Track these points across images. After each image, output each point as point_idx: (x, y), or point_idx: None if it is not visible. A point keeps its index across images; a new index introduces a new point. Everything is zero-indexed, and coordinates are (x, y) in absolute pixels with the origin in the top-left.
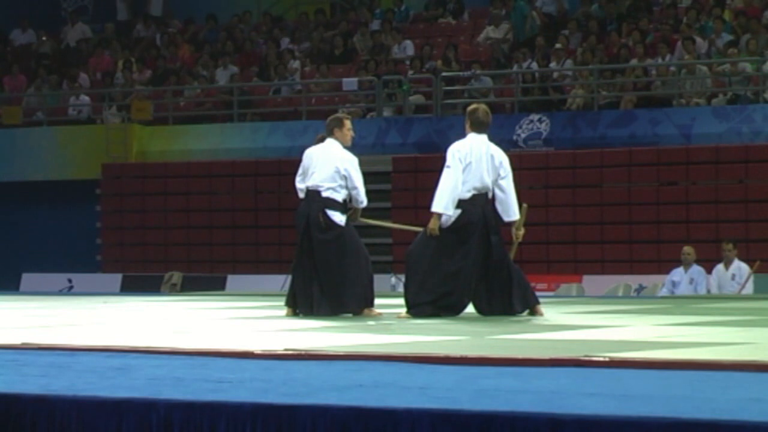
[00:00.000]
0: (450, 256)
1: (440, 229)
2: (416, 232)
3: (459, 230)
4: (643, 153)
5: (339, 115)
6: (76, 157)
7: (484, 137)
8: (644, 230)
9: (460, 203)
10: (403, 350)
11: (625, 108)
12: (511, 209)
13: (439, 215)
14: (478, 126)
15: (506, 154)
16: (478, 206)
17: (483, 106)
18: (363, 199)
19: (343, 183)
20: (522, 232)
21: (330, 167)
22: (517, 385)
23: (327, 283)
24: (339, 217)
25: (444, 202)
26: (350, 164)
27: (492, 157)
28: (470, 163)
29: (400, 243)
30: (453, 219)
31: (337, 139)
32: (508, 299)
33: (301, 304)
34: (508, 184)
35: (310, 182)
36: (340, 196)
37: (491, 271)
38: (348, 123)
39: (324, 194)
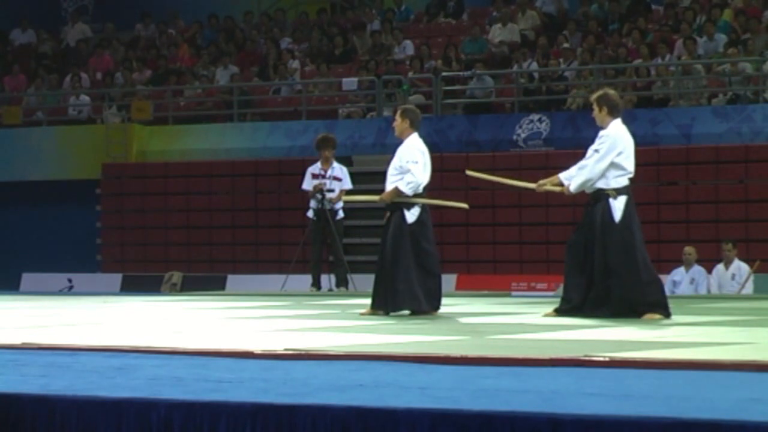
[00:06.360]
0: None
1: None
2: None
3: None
4: (643, 153)
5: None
6: (76, 157)
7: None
8: (644, 230)
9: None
10: (403, 350)
11: (625, 108)
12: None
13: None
14: (617, 111)
15: (506, 154)
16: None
17: (609, 89)
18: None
19: None
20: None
21: None
22: (517, 385)
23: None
24: None
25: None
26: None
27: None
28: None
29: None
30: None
31: None
32: None
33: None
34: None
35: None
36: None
37: None
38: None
39: None
